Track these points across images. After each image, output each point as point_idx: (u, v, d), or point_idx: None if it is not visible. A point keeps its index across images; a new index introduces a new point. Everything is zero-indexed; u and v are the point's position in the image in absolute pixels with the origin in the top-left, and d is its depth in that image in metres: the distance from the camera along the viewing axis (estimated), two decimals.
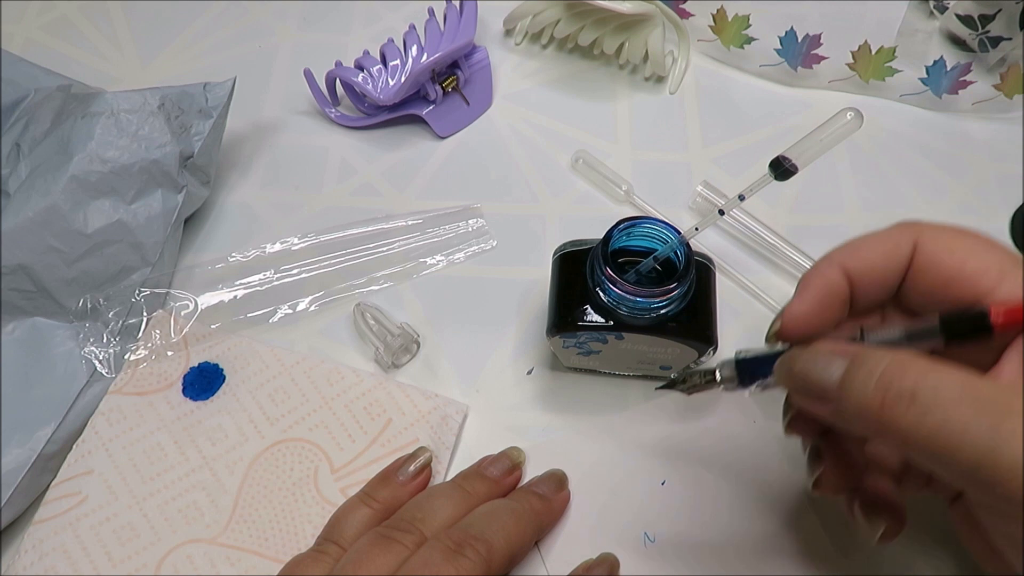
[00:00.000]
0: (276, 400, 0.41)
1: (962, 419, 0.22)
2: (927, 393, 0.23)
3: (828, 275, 0.29)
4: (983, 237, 0.28)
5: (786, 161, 0.34)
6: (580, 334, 0.36)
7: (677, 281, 0.33)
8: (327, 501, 0.38)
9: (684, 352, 0.36)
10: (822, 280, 0.29)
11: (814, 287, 0.29)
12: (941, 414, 0.23)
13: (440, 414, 0.40)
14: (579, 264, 0.36)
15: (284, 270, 0.46)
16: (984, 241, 0.28)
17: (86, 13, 0.58)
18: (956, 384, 0.23)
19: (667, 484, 0.39)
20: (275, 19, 0.57)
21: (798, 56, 0.52)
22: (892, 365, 0.24)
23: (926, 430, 0.23)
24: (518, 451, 0.39)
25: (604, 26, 0.52)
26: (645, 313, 0.34)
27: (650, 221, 0.34)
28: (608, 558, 0.37)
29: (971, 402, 0.22)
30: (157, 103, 0.43)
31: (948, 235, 0.29)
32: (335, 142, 0.52)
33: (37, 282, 0.41)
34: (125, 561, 0.37)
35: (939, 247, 0.28)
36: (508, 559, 0.33)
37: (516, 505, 0.35)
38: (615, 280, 0.33)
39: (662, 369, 0.40)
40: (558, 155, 0.51)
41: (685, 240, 0.34)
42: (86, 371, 0.41)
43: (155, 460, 0.39)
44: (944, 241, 0.28)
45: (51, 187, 0.40)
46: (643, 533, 0.38)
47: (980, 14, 0.52)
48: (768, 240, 0.45)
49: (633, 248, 0.35)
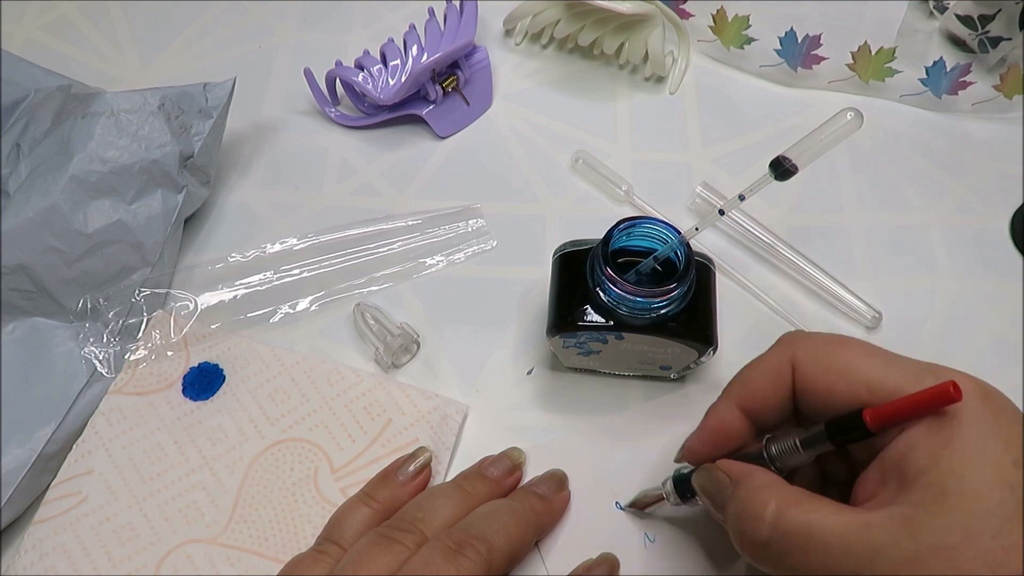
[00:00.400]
0: (276, 400, 0.41)
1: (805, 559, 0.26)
2: (778, 534, 0.27)
3: (723, 415, 0.32)
4: (855, 345, 0.30)
5: (786, 161, 0.34)
6: (580, 334, 0.36)
7: (677, 281, 0.33)
8: (327, 501, 0.38)
9: (684, 352, 0.36)
10: (717, 420, 0.33)
11: (709, 427, 0.33)
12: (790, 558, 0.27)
13: (440, 414, 0.40)
14: (579, 264, 0.36)
15: (284, 270, 0.46)
16: (854, 348, 0.30)
17: (86, 13, 0.58)
18: (798, 526, 0.27)
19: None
20: (275, 19, 0.57)
21: (798, 56, 0.52)
22: (749, 501, 0.28)
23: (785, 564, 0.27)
24: (519, 452, 0.39)
25: (604, 26, 0.52)
26: (645, 313, 0.34)
27: (650, 221, 0.34)
28: (608, 558, 0.37)
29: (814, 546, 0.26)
30: (157, 103, 0.43)
31: (819, 352, 0.30)
32: (335, 142, 0.52)
33: (37, 282, 0.41)
34: (125, 561, 0.37)
35: (813, 368, 0.30)
36: (508, 559, 0.33)
37: (517, 505, 0.35)
38: (615, 280, 0.33)
39: (662, 369, 0.40)
40: (558, 155, 0.51)
41: (685, 240, 0.34)
42: (86, 371, 0.41)
43: (155, 460, 0.39)
44: (815, 359, 0.30)
45: (51, 187, 0.40)
46: (643, 533, 0.38)
47: (980, 14, 0.52)
48: (765, 240, 0.46)
49: (633, 248, 0.35)
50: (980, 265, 0.46)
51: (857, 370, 0.29)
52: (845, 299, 0.44)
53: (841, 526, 0.26)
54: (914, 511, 0.25)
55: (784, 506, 0.27)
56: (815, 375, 0.30)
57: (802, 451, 0.30)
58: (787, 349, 0.31)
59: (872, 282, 0.45)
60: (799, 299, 0.45)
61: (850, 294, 0.44)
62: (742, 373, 0.33)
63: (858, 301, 0.44)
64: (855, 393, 0.29)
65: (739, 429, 0.32)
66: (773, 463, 0.30)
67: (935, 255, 0.47)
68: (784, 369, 0.31)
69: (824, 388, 0.30)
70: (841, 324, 0.44)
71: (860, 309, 0.43)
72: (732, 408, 0.32)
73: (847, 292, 0.44)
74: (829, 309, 0.45)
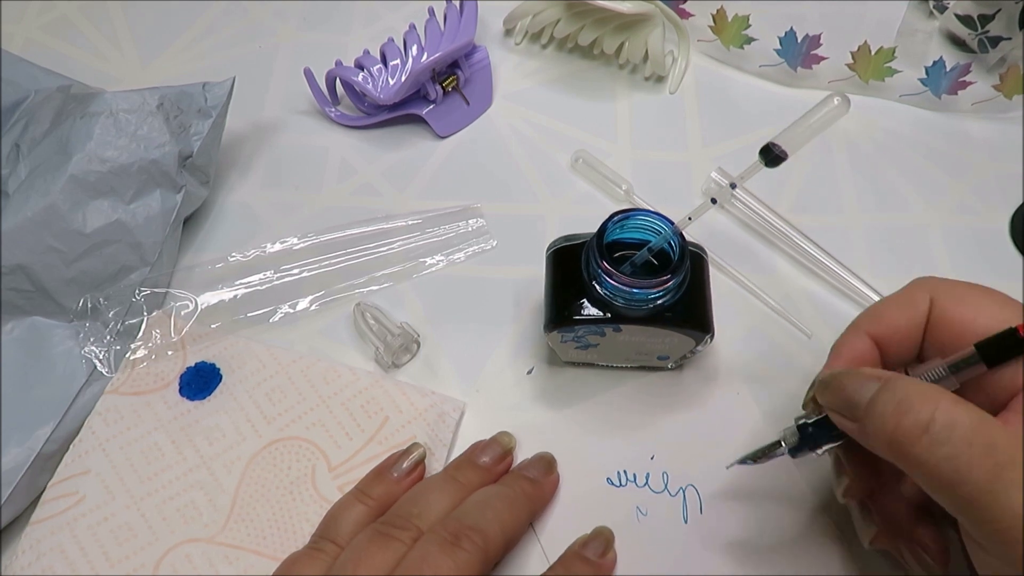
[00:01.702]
0: (273, 399, 0.40)
1: (969, 458, 0.25)
2: (942, 426, 0.25)
3: (855, 343, 0.32)
4: (992, 291, 0.31)
5: (776, 148, 0.34)
6: (578, 328, 0.36)
7: (673, 271, 0.33)
8: (325, 499, 0.38)
9: (682, 341, 0.37)
10: (850, 348, 0.32)
11: (844, 355, 0.32)
12: (951, 449, 0.25)
13: (437, 411, 0.40)
14: (573, 259, 0.36)
15: (284, 270, 0.46)
16: (993, 294, 0.31)
17: (86, 13, 0.58)
18: (970, 423, 0.25)
19: (655, 458, 0.40)
20: (275, 19, 0.58)
21: (798, 56, 0.52)
22: (914, 393, 0.27)
23: (935, 460, 0.25)
24: (509, 437, 0.39)
25: (604, 26, 0.52)
26: (642, 304, 0.34)
27: (643, 213, 0.34)
28: (603, 532, 0.37)
29: (981, 445, 0.25)
30: (156, 103, 0.43)
31: (960, 290, 0.31)
32: (335, 142, 0.52)
33: (36, 282, 0.41)
34: (123, 561, 0.36)
35: (951, 303, 0.31)
36: (504, 545, 0.34)
37: (508, 491, 0.36)
38: (611, 272, 0.33)
39: (659, 359, 0.40)
40: (558, 155, 0.51)
41: (678, 230, 0.34)
42: (85, 370, 0.41)
43: (152, 460, 0.39)
44: (956, 296, 0.31)
45: (50, 187, 0.40)
46: (635, 507, 0.38)
47: (980, 14, 0.52)
48: (775, 225, 0.46)
49: (627, 240, 0.36)
50: (980, 265, 0.46)
51: (999, 312, 0.30)
52: (855, 286, 0.44)
53: (1013, 434, 0.25)
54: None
55: (951, 403, 0.26)
56: (954, 307, 0.30)
57: (951, 375, 0.29)
58: (924, 283, 0.32)
59: (872, 282, 0.45)
60: (808, 284, 0.46)
61: (861, 282, 0.44)
62: (873, 306, 0.33)
63: (867, 288, 0.44)
64: (992, 329, 0.29)
65: (871, 357, 0.32)
66: None
67: (935, 255, 0.47)
68: (920, 300, 0.31)
69: (962, 326, 0.30)
70: (850, 311, 0.44)
71: (870, 296, 0.44)
72: (863, 336, 0.32)
73: (856, 279, 0.44)
74: (837, 295, 0.45)
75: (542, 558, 0.37)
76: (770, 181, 0.49)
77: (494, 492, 0.35)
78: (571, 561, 0.35)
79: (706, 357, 0.43)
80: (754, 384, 0.42)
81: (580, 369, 0.43)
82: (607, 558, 0.36)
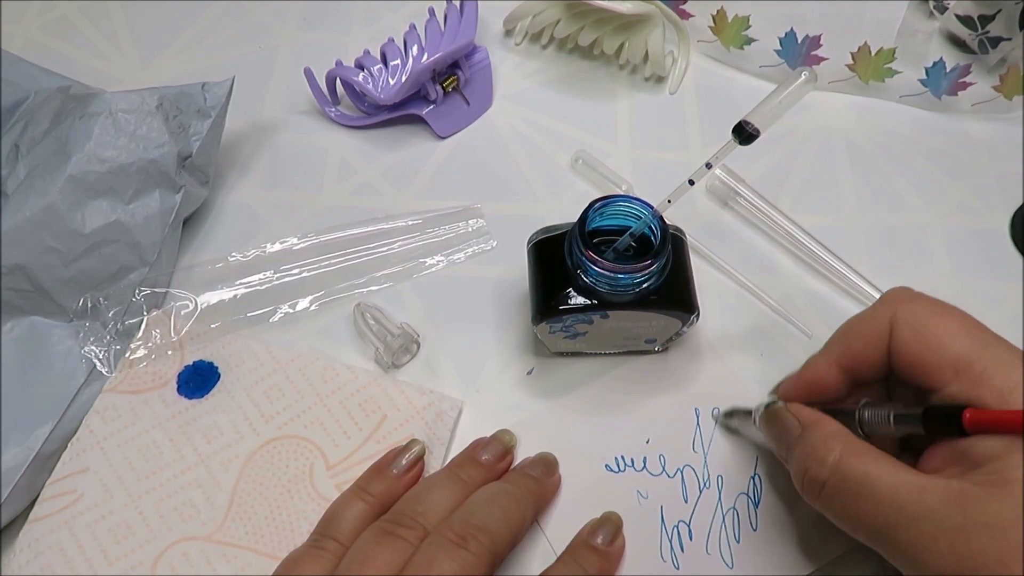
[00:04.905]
0: (271, 397, 0.40)
1: (857, 511, 0.29)
2: (833, 484, 0.29)
3: (820, 370, 0.34)
4: (954, 314, 0.31)
5: (748, 126, 0.34)
6: (566, 317, 0.36)
7: (655, 254, 0.33)
8: (323, 498, 0.38)
9: (668, 323, 0.37)
10: (814, 373, 0.34)
11: (806, 378, 0.34)
12: (840, 504, 0.29)
13: (435, 410, 0.40)
14: (555, 249, 0.36)
15: (284, 270, 0.46)
16: (952, 319, 0.31)
17: (86, 13, 0.58)
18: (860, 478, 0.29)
19: (651, 442, 0.40)
20: (275, 19, 0.58)
21: (798, 57, 0.52)
22: (819, 444, 0.30)
23: (831, 513, 0.30)
24: (510, 435, 0.39)
25: (604, 26, 0.52)
26: (628, 289, 0.34)
27: (623, 199, 0.35)
28: (612, 517, 0.37)
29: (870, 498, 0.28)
30: (155, 103, 0.43)
31: (921, 314, 0.31)
32: (335, 142, 0.52)
33: (35, 282, 0.41)
34: (121, 559, 0.36)
35: (908, 331, 0.31)
36: (510, 543, 0.34)
37: (513, 489, 0.36)
38: (595, 260, 0.33)
39: (647, 343, 0.41)
40: (558, 155, 0.51)
41: (658, 213, 0.34)
42: (84, 370, 0.41)
43: (150, 458, 0.39)
44: (915, 323, 0.31)
45: (49, 187, 0.40)
46: (636, 490, 0.39)
47: (980, 14, 0.52)
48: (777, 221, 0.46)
49: (608, 228, 0.36)
50: (980, 265, 0.46)
51: (949, 347, 0.30)
52: (856, 283, 0.44)
53: (897, 483, 0.28)
54: (972, 488, 0.26)
55: (848, 454, 0.29)
56: (908, 341, 0.31)
57: (893, 426, 0.30)
58: (888, 308, 0.32)
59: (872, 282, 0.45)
60: (809, 281, 0.46)
61: (862, 279, 0.44)
62: (844, 330, 0.34)
63: (868, 286, 0.44)
64: (942, 370, 0.29)
65: (834, 384, 0.34)
66: (862, 427, 0.31)
67: (935, 255, 0.46)
68: (883, 330, 0.32)
69: (913, 357, 0.31)
70: (851, 308, 0.44)
71: (870, 293, 0.44)
72: (831, 365, 0.34)
73: (858, 276, 0.44)
74: (839, 292, 0.45)
75: (547, 548, 0.37)
76: (771, 181, 0.49)
77: (500, 489, 0.35)
78: (580, 551, 0.35)
79: (691, 338, 0.43)
80: (743, 356, 0.43)
81: (570, 359, 0.43)
82: (616, 545, 0.36)
